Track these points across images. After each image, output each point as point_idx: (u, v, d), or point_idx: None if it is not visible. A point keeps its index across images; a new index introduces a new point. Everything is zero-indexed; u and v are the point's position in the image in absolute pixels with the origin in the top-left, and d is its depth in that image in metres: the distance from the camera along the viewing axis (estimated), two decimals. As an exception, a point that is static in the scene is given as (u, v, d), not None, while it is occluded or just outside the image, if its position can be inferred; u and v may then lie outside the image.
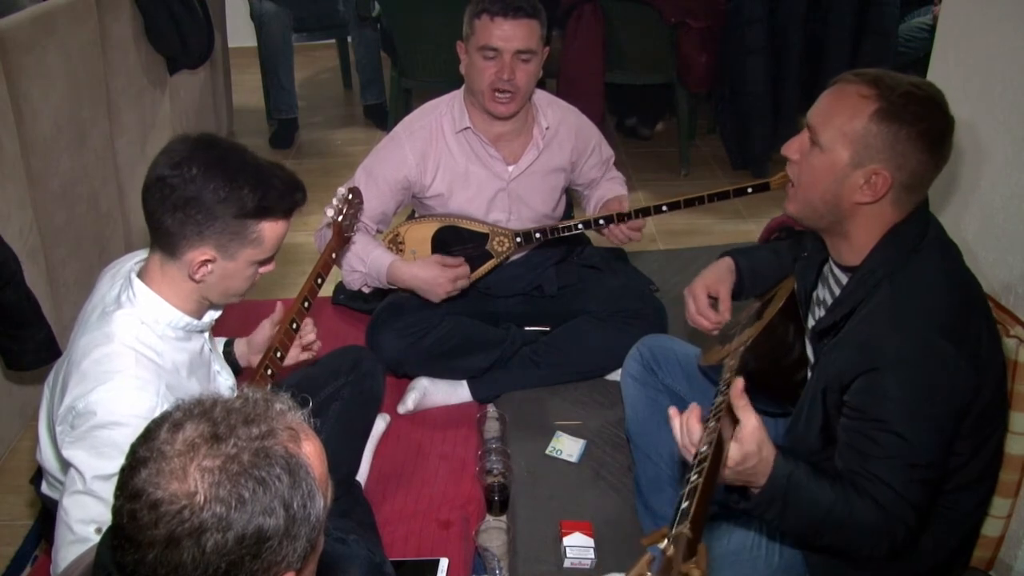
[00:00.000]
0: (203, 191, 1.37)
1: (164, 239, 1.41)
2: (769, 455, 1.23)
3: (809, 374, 1.59)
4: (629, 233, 2.26)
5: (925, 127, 1.33)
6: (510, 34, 2.13)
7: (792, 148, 1.46)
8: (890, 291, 1.37)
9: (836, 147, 1.37)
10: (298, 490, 0.87)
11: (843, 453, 1.36)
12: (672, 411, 1.28)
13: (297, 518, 0.87)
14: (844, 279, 1.48)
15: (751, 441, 1.20)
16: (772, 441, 1.24)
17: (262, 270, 1.51)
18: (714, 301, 1.83)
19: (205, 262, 1.41)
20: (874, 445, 1.32)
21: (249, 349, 1.82)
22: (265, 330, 1.80)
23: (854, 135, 1.35)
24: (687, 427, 1.25)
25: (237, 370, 1.82)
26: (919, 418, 1.30)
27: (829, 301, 1.52)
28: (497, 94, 2.18)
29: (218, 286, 1.47)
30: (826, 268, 1.56)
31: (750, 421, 1.20)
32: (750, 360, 1.59)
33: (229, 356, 1.83)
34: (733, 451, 1.19)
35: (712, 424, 1.20)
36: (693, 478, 1.09)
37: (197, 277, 1.43)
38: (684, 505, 1.03)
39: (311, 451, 0.91)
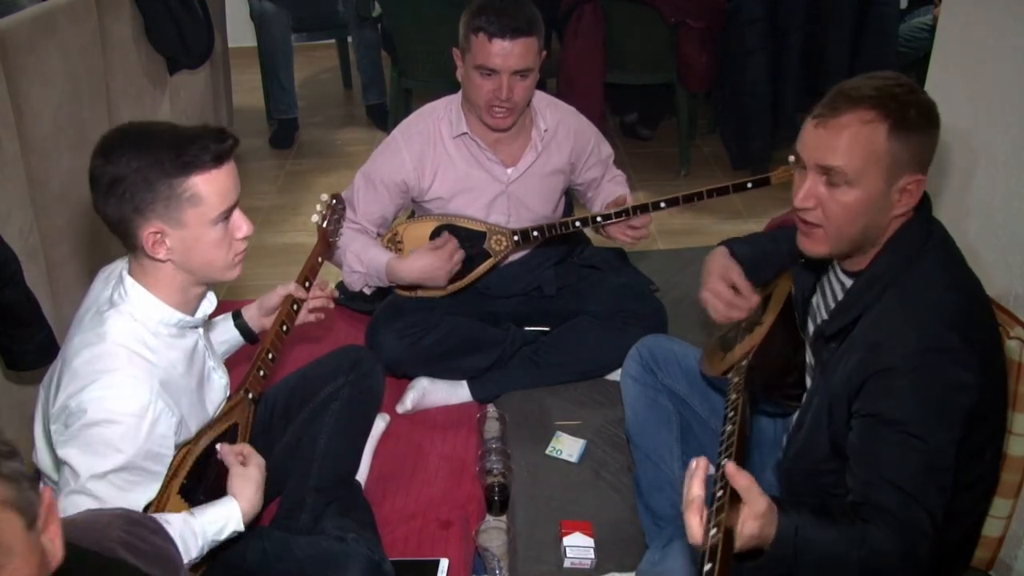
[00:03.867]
0: (126, 167, 1.36)
1: (119, 233, 1.41)
2: (772, 519, 1.17)
3: (808, 379, 1.59)
4: (631, 233, 2.24)
5: (926, 120, 1.35)
6: (508, 53, 2.10)
7: (807, 198, 1.39)
8: (897, 294, 1.37)
9: (867, 176, 1.34)
10: None
11: (855, 464, 1.33)
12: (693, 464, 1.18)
13: None
14: (848, 283, 1.47)
15: (755, 525, 1.14)
16: (769, 497, 1.18)
17: (239, 234, 1.47)
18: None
19: (156, 236, 1.40)
20: (889, 448, 1.29)
21: (260, 313, 1.83)
22: (277, 295, 1.80)
23: (882, 158, 1.33)
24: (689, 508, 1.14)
25: (252, 338, 1.84)
26: (933, 417, 1.29)
27: (831, 305, 1.51)
28: (495, 109, 2.17)
29: (191, 260, 1.44)
30: (826, 273, 1.55)
31: (758, 505, 1.14)
32: (755, 371, 1.57)
33: (241, 326, 1.84)
34: (743, 539, 1.13)
35: (715, 514, 1.10)
36: (712, 533, 1.06)
37: (159, 255, 1.41)
38: (707, 568, 1.01)
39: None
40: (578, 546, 1.89)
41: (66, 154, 2.48)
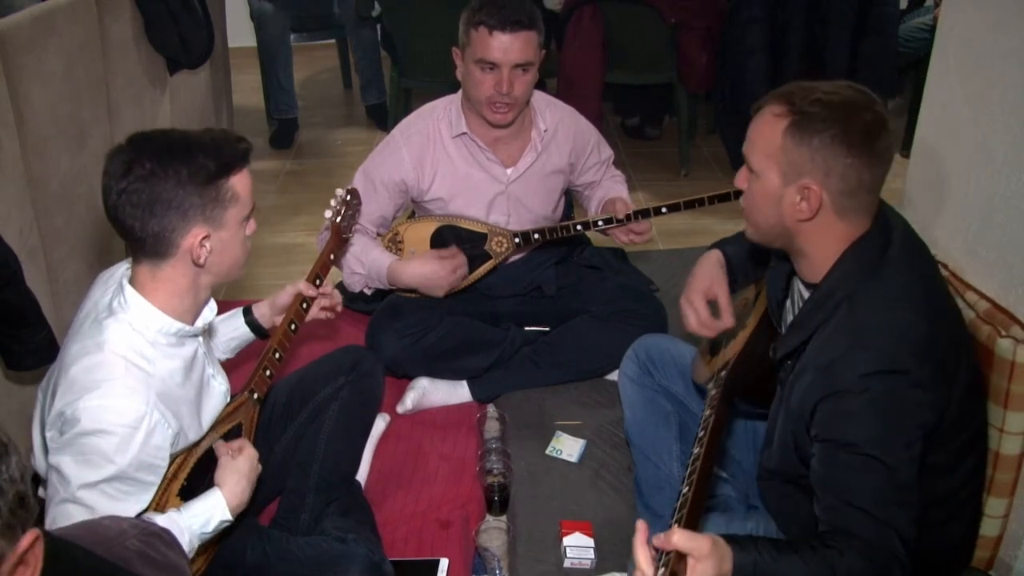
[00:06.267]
0: (166, 179, 1.37)
1: (151, 244, 1.41)
2: (728, 563, 1.13)
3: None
4: (632, 236, 2.25)
5: (838, 131, 1.31)
6: (508, 47, 2.11)
7: (740, 179, 1.46)
8: (848, 311, 1.34)
9: (766, 171, 1.38)
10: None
11: (819, 492, 1.32)
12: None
13: None
14: (806, 295, 1.46)
15: (708, 565, 1.09)
16: (723, 539, 1.15)
17: (250, 231, 1.53)
18: (711, 304, 1.81)
19: (203, 241, 1.42)
20: (850, 473, 1.27)
21: (271, 311, 1.85)
22: (288, 293, 1.83)
23: (776, 155, 1.36)
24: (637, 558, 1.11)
25: (262, 334, 1.86)
26: (890, 436, 1.27)
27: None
28: (496, 104, 2.17)
29: (220, 263, 1.48)
30: (794, 280, 1.54)
31: (700, 549, 1.09)
32: (734, 377, 1.55)
33: (251, 323, 1.84)
34: None
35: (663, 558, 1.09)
36: (661, 573, 1.07)
37: (200, 261, 1.43)
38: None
39: None
40: (578, 546, 1.89)
41: (66, 154, 2.48)
